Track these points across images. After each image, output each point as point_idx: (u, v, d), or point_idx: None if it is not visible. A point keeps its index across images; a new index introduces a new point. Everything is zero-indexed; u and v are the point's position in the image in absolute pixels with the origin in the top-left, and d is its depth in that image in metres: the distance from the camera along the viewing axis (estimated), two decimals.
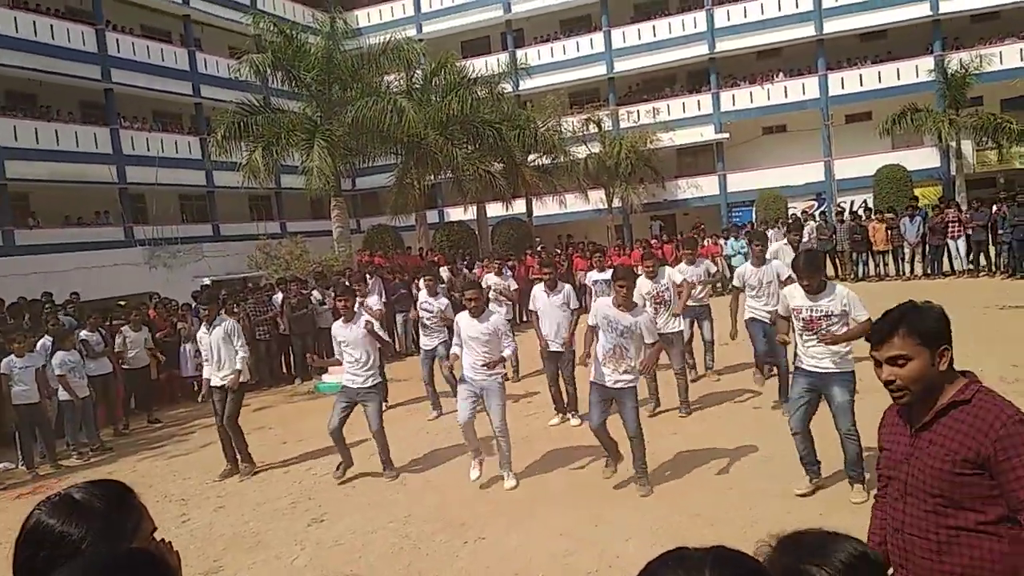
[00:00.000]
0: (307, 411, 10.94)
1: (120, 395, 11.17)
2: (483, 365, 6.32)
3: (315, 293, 14.10)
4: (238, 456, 7.81)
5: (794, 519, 4.75)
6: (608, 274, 10.10)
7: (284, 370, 13.96)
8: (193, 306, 13.58)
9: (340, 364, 7.23)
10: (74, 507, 1.26)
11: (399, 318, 14.56)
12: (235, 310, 13.15)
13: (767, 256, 8.15)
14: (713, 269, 9.89)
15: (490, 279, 11.98)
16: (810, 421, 5.40)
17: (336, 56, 18.55)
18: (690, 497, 5.66)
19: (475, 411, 6.41)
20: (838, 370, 5.24)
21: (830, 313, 5.25)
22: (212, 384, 7.77)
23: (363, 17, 33.85)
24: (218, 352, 7.68)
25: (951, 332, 2.06)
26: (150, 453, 9.48)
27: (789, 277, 7.02)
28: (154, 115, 28.20)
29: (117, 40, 25.44)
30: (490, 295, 10.42)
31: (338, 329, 7.20)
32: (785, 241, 9.97)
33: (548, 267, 8.63)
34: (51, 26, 23.25)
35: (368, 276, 15.72)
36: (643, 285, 8.06)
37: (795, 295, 5.46)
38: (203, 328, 7.85)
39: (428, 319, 9.45)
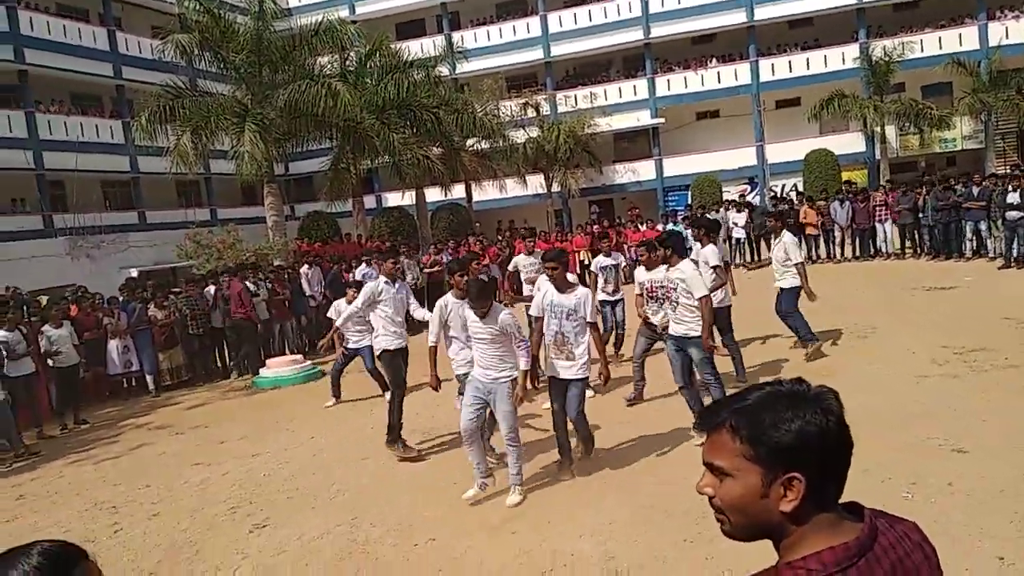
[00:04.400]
0: (245, 407, 10.59)
1: (45, 396, 10.58)
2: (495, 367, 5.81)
3: (248, 284, 13.62)
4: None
5: None
6: (616, 259, 9.84)
7: (217, 365, 13.51)
8: (120, 299, 12.97)
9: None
10: (8, 569, 1.21)
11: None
12: (164, 303, 12.65)
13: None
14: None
15: (521, 260, 9.60)
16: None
17: (266, 37, 17.88)
18: (642, 489, 5.63)
19: (482, 417, 5.95)
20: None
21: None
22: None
23: None
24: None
25: (829, 452, 1.22)
26: (77, 457, 9.01)
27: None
28: (72, 98, 26.81)
29: (31, 18, 24.05)
30: (522, 278, 9.46)
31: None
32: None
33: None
34: None
35: (308, 265, 15.30)
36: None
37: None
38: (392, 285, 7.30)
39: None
